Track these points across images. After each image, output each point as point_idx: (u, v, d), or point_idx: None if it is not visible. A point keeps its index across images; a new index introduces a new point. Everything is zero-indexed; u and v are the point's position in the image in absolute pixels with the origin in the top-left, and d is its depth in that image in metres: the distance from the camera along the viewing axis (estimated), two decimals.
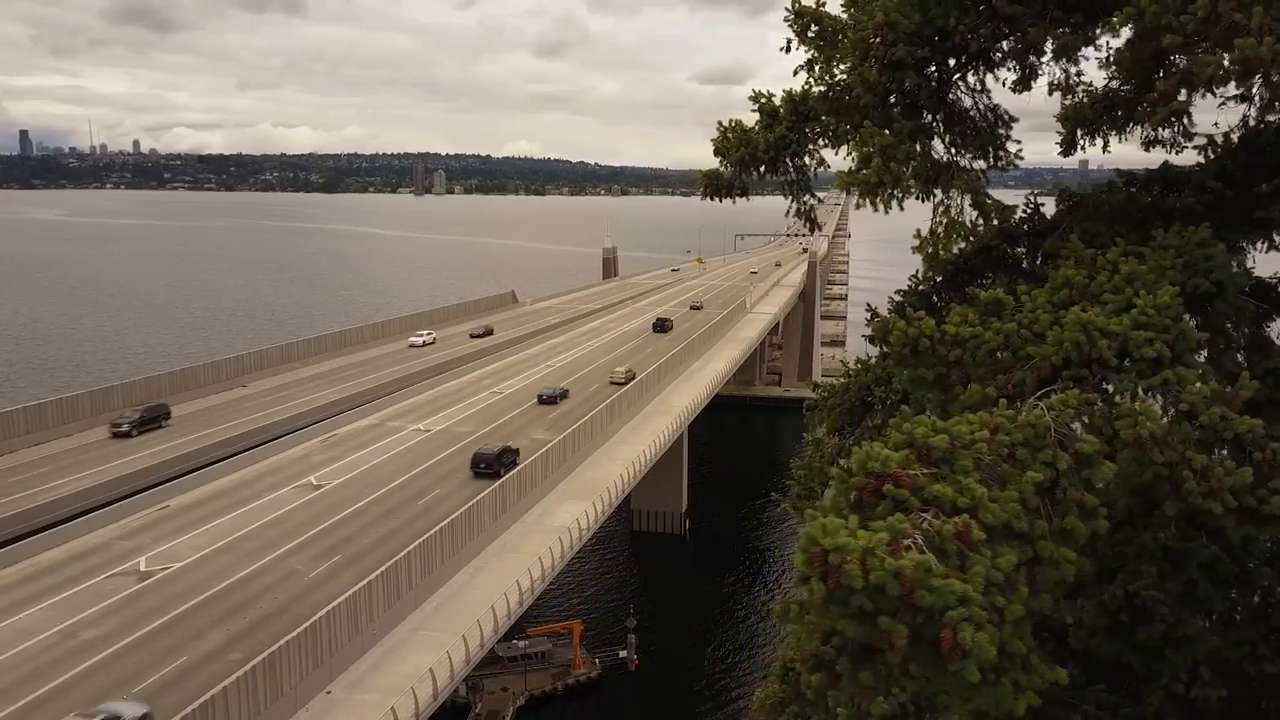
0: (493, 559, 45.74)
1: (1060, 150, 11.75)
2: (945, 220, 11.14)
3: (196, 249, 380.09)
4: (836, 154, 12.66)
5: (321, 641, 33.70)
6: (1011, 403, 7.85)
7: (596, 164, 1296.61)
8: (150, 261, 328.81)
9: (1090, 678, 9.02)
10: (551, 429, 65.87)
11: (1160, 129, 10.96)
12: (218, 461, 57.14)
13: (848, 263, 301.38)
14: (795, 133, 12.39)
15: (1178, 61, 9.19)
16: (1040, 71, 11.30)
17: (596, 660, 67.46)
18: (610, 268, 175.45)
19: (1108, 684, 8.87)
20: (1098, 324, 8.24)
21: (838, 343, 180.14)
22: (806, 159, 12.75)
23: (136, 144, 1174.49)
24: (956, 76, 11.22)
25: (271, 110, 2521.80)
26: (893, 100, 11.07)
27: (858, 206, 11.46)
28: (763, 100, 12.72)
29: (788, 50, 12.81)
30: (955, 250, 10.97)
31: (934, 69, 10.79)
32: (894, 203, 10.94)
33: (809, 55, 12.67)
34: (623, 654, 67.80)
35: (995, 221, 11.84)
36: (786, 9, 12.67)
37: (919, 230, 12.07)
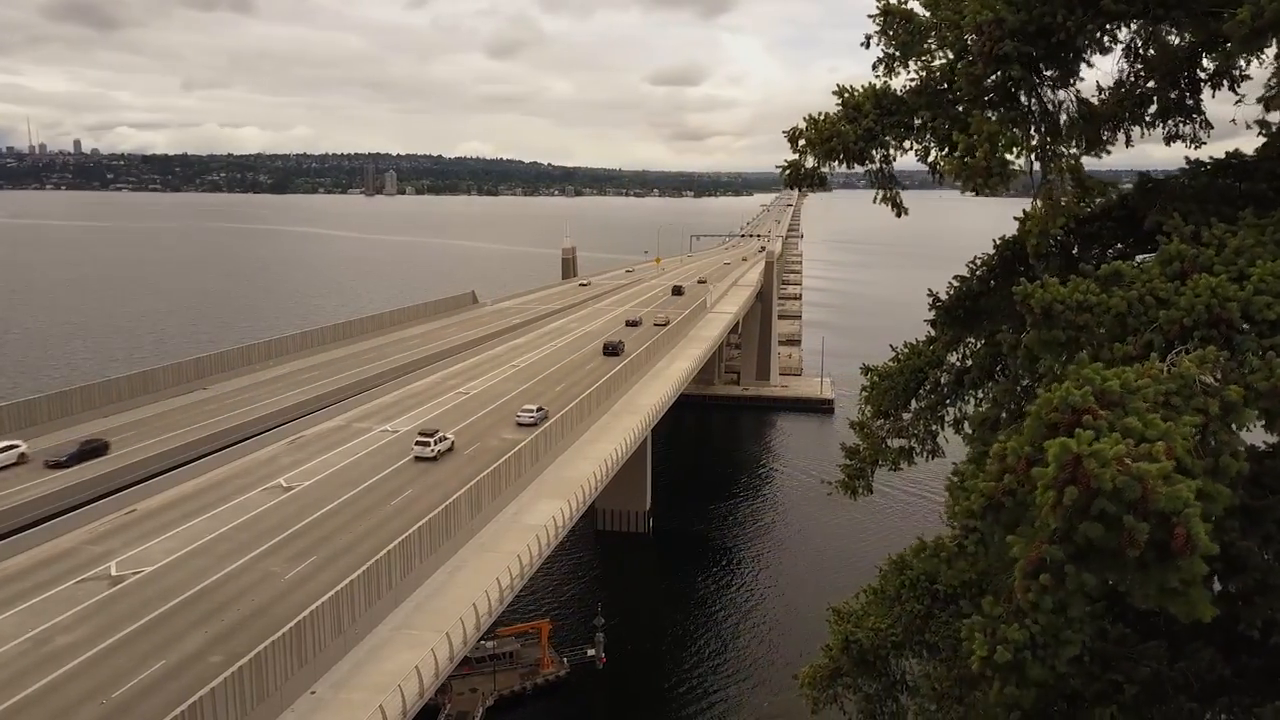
0: (471, 557, 45.84)
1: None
2: (1049, 201, 11.77)
3: (145, 251, 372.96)
4: (905, 150, 13.20)
5: (305, 642, 33.59)
6: (1137, 361, 8.59)
7: (550, 164, 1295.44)
8: (96, 264, 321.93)
9: (1144, 636, 9.77)
10: (521, 428, 65.91)
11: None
12: (183, 465, 56.37)
13: (801, 262, 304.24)
14: (880, 125, 12.96)
15: None
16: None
17: (564, 659, 67.59)
18: (570, 268, 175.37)
19: (1158, 641, 9.61)
20: (1223, 290, 9.06)
21: (794, 341, 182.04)
22: (890, 151, 13.33)
23: (78, 144, 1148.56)
24: (1054, 70, 11.86)
25: (218, 110, 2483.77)
26: (991, 92, 11.72)
27: (962, 192, 12.05)
28: (846, 94, 13.28)
29: (867, 46, 13.48)
30: (1059, 229, 11.63)
31: (1034, 63, 11.43)
32: (995, 186, 11.58)
33: (888, 52, 13.28)
34: (591, 653, 68.02)
35: (1099, 199, 12.62)
36: (876, 6, 13.26)
37: (1024, 210, 12.69)
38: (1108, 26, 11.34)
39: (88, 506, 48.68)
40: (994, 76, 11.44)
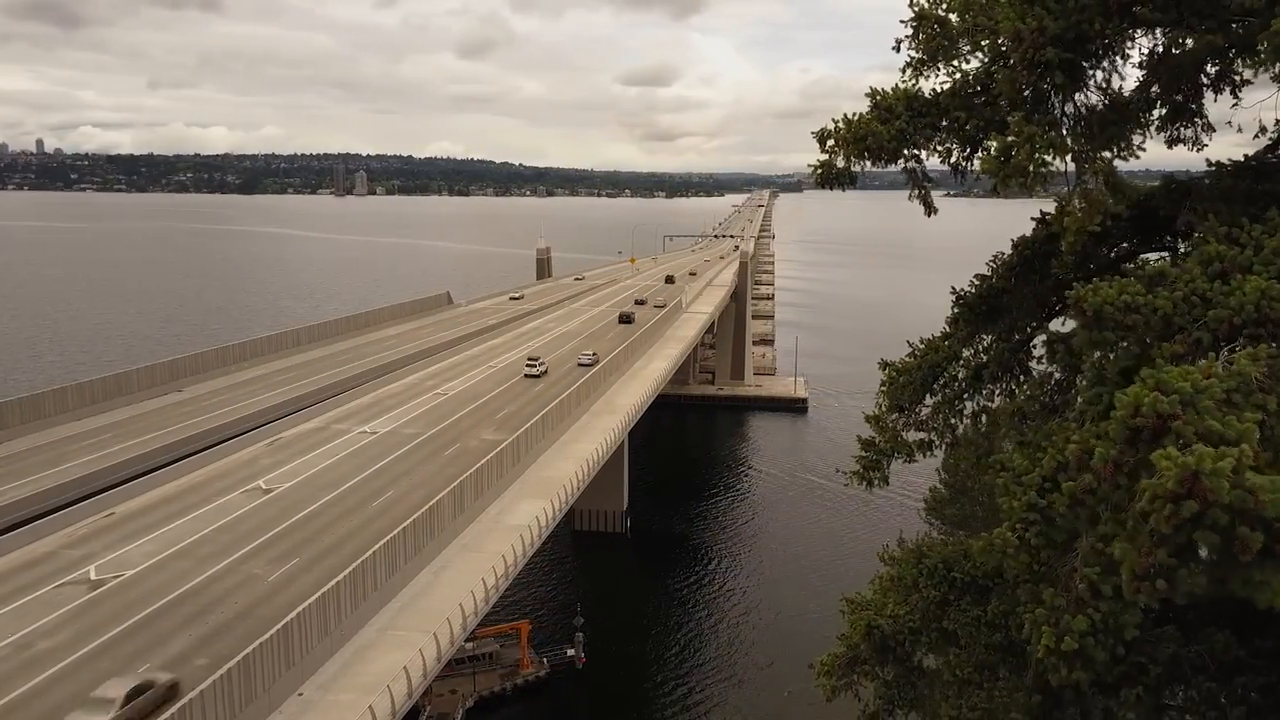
0: (455, 558, 45.83)
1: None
2: (1084, 202, 12.17)
3: (111, 253, 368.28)
4: (936, 151, 13.58)
5: (292, 644, 33.48)
6: (1185, 360, 8.98)
7: (521, 165, 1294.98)
8: (61, 266, 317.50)
9: (1156, 621, 10.23)
10: (501, 429, 65.94)
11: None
12: (161, 467, 55.83)
13: (773, 263, 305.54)
14: (911, 126, 13.34)
15: None
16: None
17: (544, 660, 67.59)
18: (544, 268, 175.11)
19: (1171, 626, 10.09)
20: (1271, 290, 9.53)
21: (767, 341, 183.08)
22: (922, 151, 13.72)
23: (40, 143, 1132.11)
24: (1089, 75, 12.32)
25: (185, 109, 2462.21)
26: (1028, 95, 12.15)
27: (1002, 193, 12.41)
28: (879, 96, 13.66)
29: (898, 49, 13.86)
30: (1097, 226, 12.05)
31: (1073, 68, 11.85)
32: (1027, 184, 12.05)
33: (918, 56, 13.68)
34: (570, 653, 68.09)
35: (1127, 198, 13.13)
36: (910, 9, 13.66)
37: (1061, 209, 13.09)
38: (1135, 33, 11.82)
39: (65, 510, 48.11)
40: (1033, 81, 11.86)
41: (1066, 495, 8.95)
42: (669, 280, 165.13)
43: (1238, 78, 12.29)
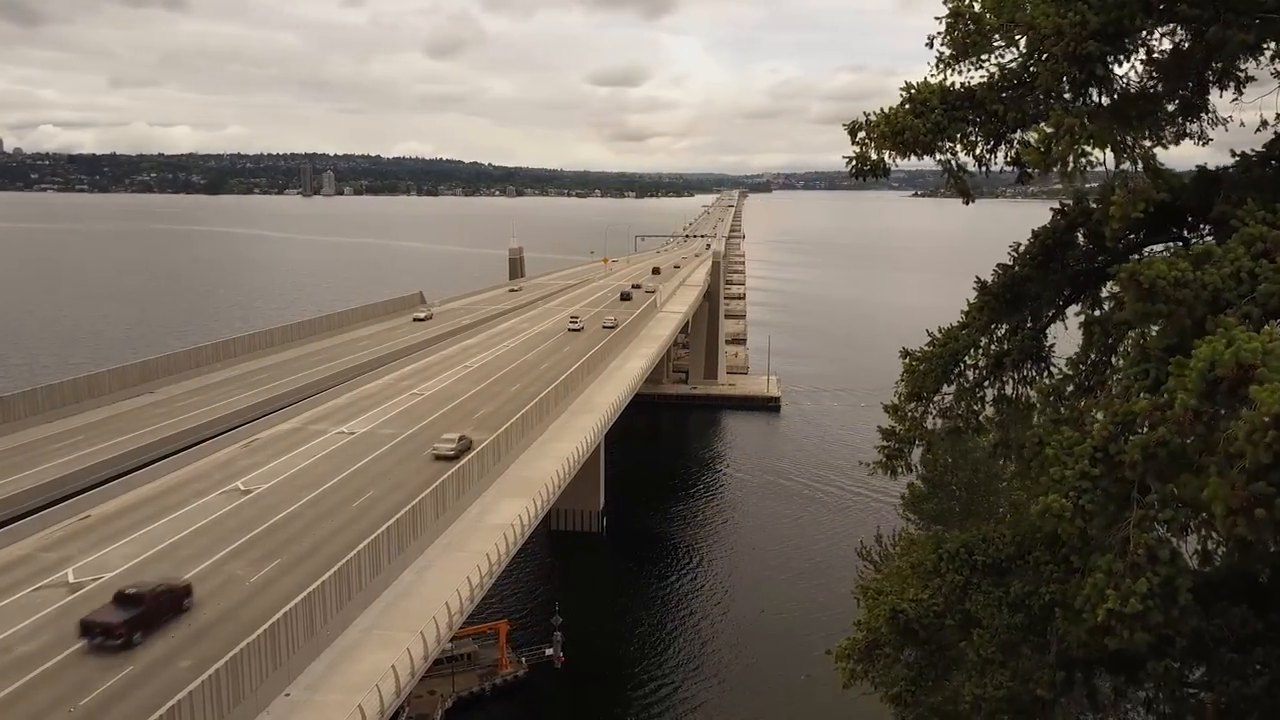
0: (438, 557, 45.83)
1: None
2: (1124, 190, 12.57)
3: (78, 254, 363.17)
4: (971, 143, 13.96)
5: (279, 644, 33.38)
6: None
7: (490, 164, 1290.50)
8: (27, 266, 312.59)
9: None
10: (479, 429, 65.87)
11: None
12: (137, 469, 55.31)
13: (744, 263, 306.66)
14: (946, 119, 13.70)
15: None
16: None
17: (523, 659, 67.52)
18: (517, 268, 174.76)
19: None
20: None
21: (739, 340, 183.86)
22: (957, 144, 14.10)
23: None
24: (1127, 68, 12.80)
25: (148, 108, 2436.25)
26: (1065, 87, 12.57)
27: (1036, 177, 12.78)
28: (913, 90, 14.01)
29: (930, 45, 14.23)
30: (1140, 213, 12.41)
31: (1111, 61, 12.31)
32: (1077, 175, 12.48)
33: (950, 52, 14.05)
34: (549, 652, 68.09)
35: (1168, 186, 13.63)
36: (945, 5, 14.03)
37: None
38: (1171, 28, 12.32)
39: (41, 513, 47.55)
40: (1073, 74, 12.29)
41: (1138, 448, 9.39)
42: (655, 271, 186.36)
43: (1241, 74, 12.79)
